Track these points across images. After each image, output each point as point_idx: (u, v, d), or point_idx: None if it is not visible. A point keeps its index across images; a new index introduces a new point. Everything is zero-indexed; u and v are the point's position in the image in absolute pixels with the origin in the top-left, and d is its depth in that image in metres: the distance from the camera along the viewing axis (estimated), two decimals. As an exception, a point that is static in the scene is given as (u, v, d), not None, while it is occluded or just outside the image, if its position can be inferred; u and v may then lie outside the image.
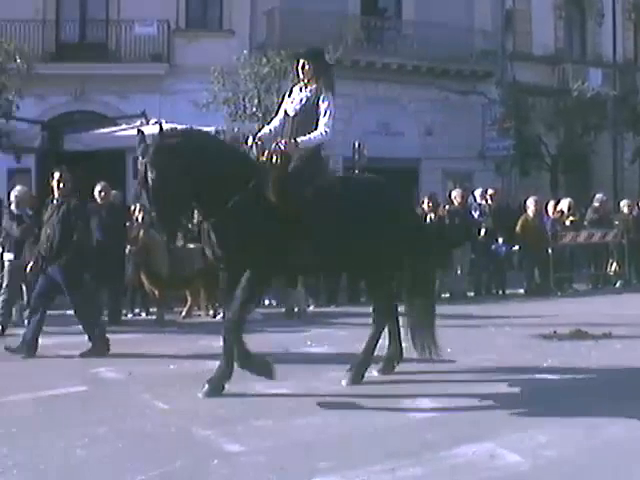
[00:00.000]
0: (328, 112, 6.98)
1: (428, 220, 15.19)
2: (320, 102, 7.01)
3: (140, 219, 12.55)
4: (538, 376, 7.79)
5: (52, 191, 9.50)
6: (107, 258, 11.73)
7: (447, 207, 16.24)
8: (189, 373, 7.82)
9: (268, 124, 7.67)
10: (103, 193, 12.31)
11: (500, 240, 16.28)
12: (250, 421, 6.06)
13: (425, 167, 25.37)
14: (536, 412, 6.35)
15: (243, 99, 19.15)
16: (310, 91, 7.11)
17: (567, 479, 4.94)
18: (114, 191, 12.99)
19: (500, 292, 16.30)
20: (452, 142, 24.80)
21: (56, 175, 9.42)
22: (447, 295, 15.54)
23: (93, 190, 12.27)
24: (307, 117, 7.03)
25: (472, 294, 15.94)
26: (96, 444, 5.49)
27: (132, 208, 13.14)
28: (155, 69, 22.18)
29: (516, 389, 7.24)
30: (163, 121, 16.11)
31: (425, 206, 15.70)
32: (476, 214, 16.45)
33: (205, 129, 15.08)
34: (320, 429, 5.91)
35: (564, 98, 25.82)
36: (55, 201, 9.41)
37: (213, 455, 5.24)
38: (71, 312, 9.56)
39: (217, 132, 16.33)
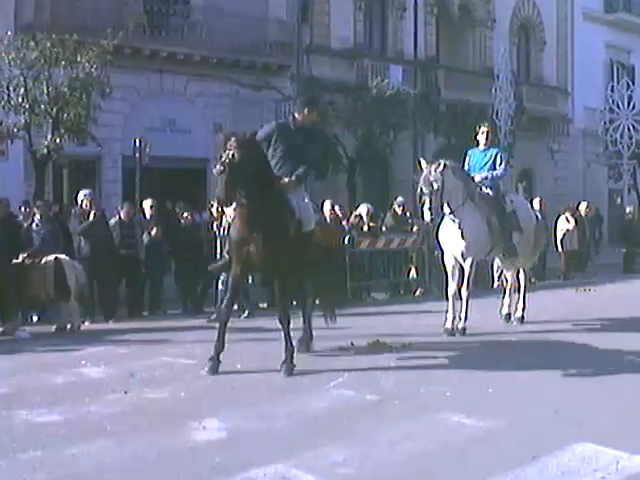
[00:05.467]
0: None
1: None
2: None
3: None
4: (334, 392, 8.02)
5: None
6: None
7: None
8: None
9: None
10: None
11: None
12: (17, 454, 5.87)
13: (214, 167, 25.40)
14: (332, 430, 6.54)
15: (7, 87, 18.49)
16: None
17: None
18: None
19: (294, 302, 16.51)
20: (244, 140, 24.93)
21: None
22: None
23: None
24: None
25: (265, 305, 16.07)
26: None
27: None
28: None
29: (312, 405, 7.42)
30: None
31: (214, 211, 15.72)
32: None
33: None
34: (97, 457, 5.82)
35: (363, 95, 26.62)
36: None
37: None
38: None
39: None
